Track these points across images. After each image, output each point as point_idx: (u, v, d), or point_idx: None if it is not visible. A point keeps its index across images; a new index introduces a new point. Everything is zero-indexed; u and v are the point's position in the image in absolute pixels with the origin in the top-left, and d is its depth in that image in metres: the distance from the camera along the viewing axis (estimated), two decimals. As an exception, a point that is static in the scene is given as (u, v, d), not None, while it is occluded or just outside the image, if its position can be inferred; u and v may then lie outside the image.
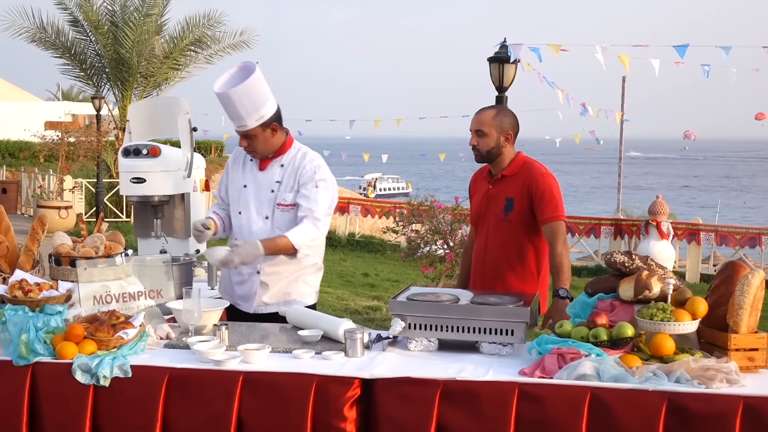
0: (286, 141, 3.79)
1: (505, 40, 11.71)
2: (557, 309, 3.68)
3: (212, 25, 19.39)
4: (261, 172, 3.80)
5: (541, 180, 3.86)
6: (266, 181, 3.79)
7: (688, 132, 42.68)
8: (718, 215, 30.91)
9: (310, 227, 3.68)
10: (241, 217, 3.82)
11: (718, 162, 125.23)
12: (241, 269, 3.77)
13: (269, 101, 3.68)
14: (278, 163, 3.79)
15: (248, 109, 3.62)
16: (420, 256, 10.54)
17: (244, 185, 3.83)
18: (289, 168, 3.77)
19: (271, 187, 3.77)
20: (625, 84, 18.57)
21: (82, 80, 19.91)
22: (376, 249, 16.71)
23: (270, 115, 3.68)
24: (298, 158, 3.78)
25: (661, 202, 12.96)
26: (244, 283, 3.83)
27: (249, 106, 3.61)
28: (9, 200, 18.75)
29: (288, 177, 3.76)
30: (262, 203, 3.78)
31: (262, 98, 3.65)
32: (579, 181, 77.37)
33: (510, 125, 3.91)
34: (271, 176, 3.78)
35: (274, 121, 3.70)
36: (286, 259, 3.72)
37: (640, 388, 2.69)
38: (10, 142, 28.03)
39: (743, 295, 2.87)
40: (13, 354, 2.97)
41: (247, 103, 3.61)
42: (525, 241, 3.89)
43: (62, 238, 3.58)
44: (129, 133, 4.89)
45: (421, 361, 3.03)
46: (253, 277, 3.80)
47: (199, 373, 2.92)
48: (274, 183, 3.77)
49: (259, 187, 3.79)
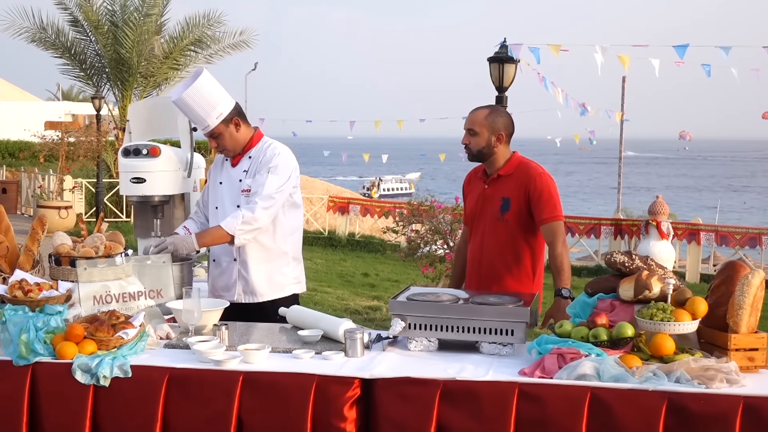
0: (254, 136, 3.96)
1: (505, 40, 11.71)
2: (559, 308, 3.68)
3: (212, 25, 19.40)
4: (233, 168, 3.99)
5: (538, 180, 3.85)
6: (236, 175, 3.96)
7: (683, 132, 42.70)
8: (719, 215, 30.92)
9: (244, 211, 3.78)
10: (218, 212, 3.98)
11: (716, 162, 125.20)
12: (220, 261, 3.97)
13: (225, 99, 3.86)
14: (247, 155, 3.96)
15: (206, 109, 3.81)
16: (420, 256, 10.55)
17: (219, 182, 4.02)
18: (255, 158, 3.94)
19: (240, 178, 3.94)
20: (625, 84, 18.57)
21: (82, 80, 19.93)
22: (376, 249, 16.71)
23: (229, 111, 3.86)
24: (263, 149, 3.95)
25: (661, 202, 12.96)
26: (223, 274, 3.98)
27: (206, 105, 3.81)
28: (9, 200, 18.74)
29: (253, 166, 3.93)
30: (234, 195, 3.94)
31: (216, 97, 3.83)
32: (569, 182, 77.36)
33: (503, 125, 3.90)
34: (240, 169, 3.96)
35: (235, 116, 3.88)
36: (255, 249, 3.87)
37: (640, 388, 2.69)
38: (10, 142, 28.03)
39: (743, 295, 2.87)
40: (13, 354, 2.97)
41: (203, 104, 3.81)
42: (521, 241, 3.89)
43: (62, 238, 3.59)
44: (129, 133, 4.89)
45: (421, 361, 3.03)
46: (231, 265, 3.94)
47: (199, 373, 2.92)
48: (242, 173, 3.94)
49: (231, 182, 3.96)
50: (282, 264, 3.96)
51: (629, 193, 24.53)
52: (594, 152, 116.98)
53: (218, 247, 3.95)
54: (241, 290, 3.93)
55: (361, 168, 54.96)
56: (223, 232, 3.75)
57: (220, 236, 3.77)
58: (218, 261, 3.99)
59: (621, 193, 19.24)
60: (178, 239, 3.77)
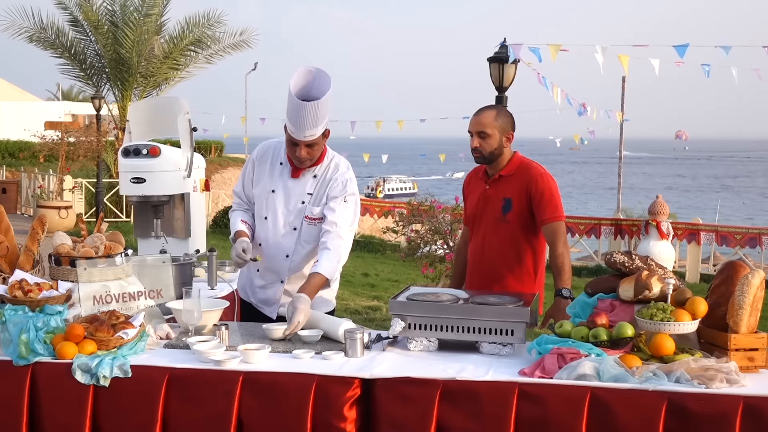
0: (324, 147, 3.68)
1: (505, 40, 11.71)
2: (559, 308, 3.68)
3: (212, 25, 19.40)
4: (292, 180, 3.68)
5: (540, 180, 3.86)
6: (298, 191, 3.67)
7: (679, 132, 42.77)
8: (719, 215, 30.92)
9: (334, 255, 3.52)
10: (267, 223, 3.71)
11: (712, 161, 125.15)
12: (264, 275, 3.77)
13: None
14: (311, 173, 3.66)
15: (320, 119, 3.48)
16: (420, 256, 10.55)
17: (272, 190, 3.70)
18: (321, 180, 3.66)
19: (302, 198, 3.66)
20: (625, 84, 18.56)
21: (82, 80, 19.93)
22: (376, 249, 16.71)
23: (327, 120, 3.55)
24: (330, 169, 3.67)
25: (661, 202, 12.96)
26: (266, 289, 3.80)
27: (321, 115, 3.47)
28: (9, 200, 18.74)
29: (319, 189, 3.66)
30: (291, 213, 3.68)
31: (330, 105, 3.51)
32: (563, 182, 77.35)
33: (510, 125, 3.91)
34: (303, 186, 3.67)
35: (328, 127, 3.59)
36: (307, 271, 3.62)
37: (640, 388, 2.69)
38: (10, 142, 28.02)
39: (743, 295, 2.87)
40: (13, 354, 2.97)
41: (323, 113, 3.47)
42: (523, 241, 3.89)
43: (62, 238, 3.58)
44: (129, 133, 4.89)
45: (421, 361, 3.03)
46: (276, 285, 3.77)
47: (199, 373, 2.92)
48: (305, 195, 3.67)
49: (289, 196, 3.68)
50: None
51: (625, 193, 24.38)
52: (585, 152, 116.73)
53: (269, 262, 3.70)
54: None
55: (365, 168, 54.92)
56: (323, 279, 3.46)
57: (322, 284, 3.47)
58: (263, 274, 3.76)
59: (621, 192, 19.22)
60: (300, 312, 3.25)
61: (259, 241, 3.75)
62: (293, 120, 3.47)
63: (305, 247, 3.68)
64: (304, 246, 3.68)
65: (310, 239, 3.67)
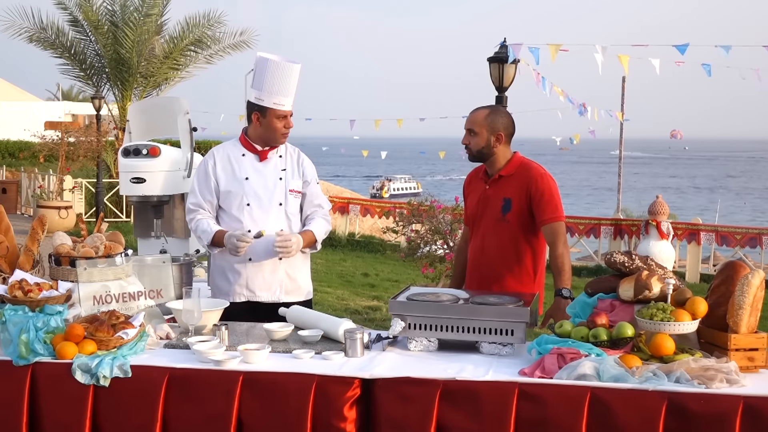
0: None
1: (505, 40, 11.71)
2: (559, 308, 3.68)
3: (212, 25, 19.39)
4: (262, 163, 3.92)
5: (540, 181, 3.86)
6: (271, 169, 3.92)
7: (674, 131, 42.72)
8: (718, 215, 30.91)
9: (326, 223, 3.97)
10: (251, 209, 3.85)
11: (711, 161, 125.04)
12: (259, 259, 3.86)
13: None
14: (276, 153, 3.95)
15: (293, 90, 3.84)
16: (420, 256, 10.54)
17: (245, 177, 3.88)
18: (288, 157, 3.96)
19: (279, 175, 3.92)
20: (625, 84, 18.56)
21: (82, 80, 19.92)
22: (376, 249, 16.70)
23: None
24: (289, 151, 3.99)
25: (661, 202, 12.95)
26: (261, 272, 3.86)
27: (294, 87, 3.83)
28: (9, 200, 18.73)
29: (291, 166, 3.95)
30: (273, 190, 3.89)
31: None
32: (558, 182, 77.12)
33: (502, 126, 3.90)
34: (275, 165, 3.93)
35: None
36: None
37: (640, 388, 2.69)
38: (10, 142, 28.01)
39: (743, 295, 2.87)
40: (13, 354, 2.97)
41: (296, 84, 3.83)
42: (522, 241, 3.89)
43: (62, 238, 3.58)
44: (129, 133, 4.89)
45: (421, 361, 3.03)
46: (276, 265, 3.87)
47: (199, 373, 2.92)
48: (280, 171, 3.92)
49: (265, 177, 3.90)
50: (306, 264, 4.03)
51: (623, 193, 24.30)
52: (578, 152, 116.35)
53: (260, 247, 3.79)
54: (285, 289, 3.89)
55: (365, 168, 54.85)
56: (314, 238, 3.90)
57: (311, 240, 3.89)
58: (256, 259, 3.83)
59: (621, 192, 19.22)
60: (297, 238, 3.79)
61: (248, 229, 3.82)
62: (281, 89, 3.80)
63: (291, 220, 3.92)
64: (290, 219, 3.91)
65: (294, 211, 3.93)
